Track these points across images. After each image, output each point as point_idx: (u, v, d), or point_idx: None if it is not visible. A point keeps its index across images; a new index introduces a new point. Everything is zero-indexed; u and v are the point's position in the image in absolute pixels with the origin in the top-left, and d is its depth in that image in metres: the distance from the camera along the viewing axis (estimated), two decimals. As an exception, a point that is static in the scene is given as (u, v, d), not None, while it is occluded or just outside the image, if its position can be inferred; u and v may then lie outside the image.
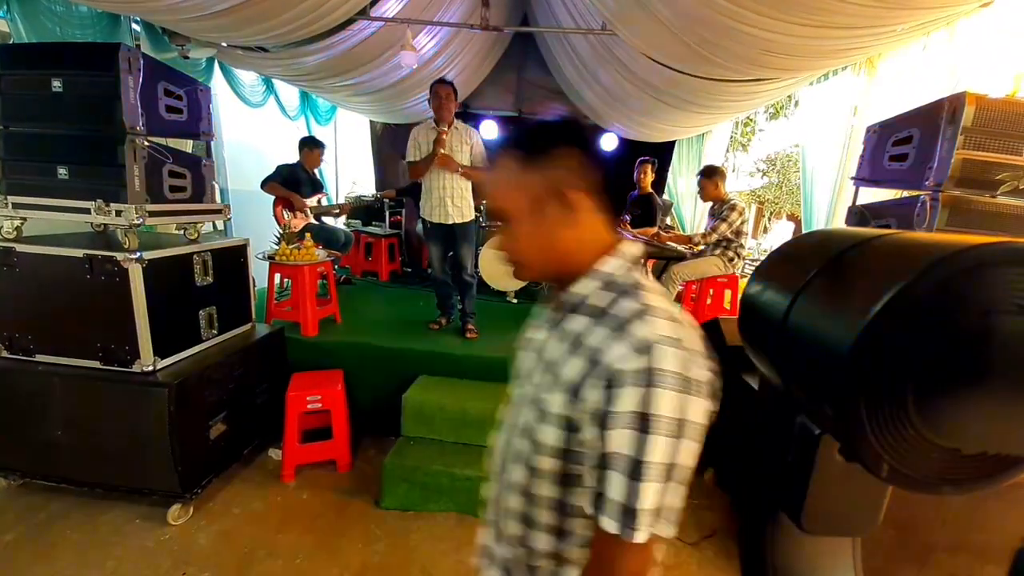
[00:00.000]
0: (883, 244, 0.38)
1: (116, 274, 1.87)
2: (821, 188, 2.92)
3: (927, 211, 1.61)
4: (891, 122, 1.86)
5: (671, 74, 2.74)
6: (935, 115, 1.63)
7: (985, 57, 2.00)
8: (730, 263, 3.12)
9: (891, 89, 2.47)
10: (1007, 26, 1.86)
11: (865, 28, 1.83)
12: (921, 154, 1.69)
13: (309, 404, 2.42)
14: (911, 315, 0.31)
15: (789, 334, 0.41)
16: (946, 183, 1.58)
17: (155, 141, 1.97)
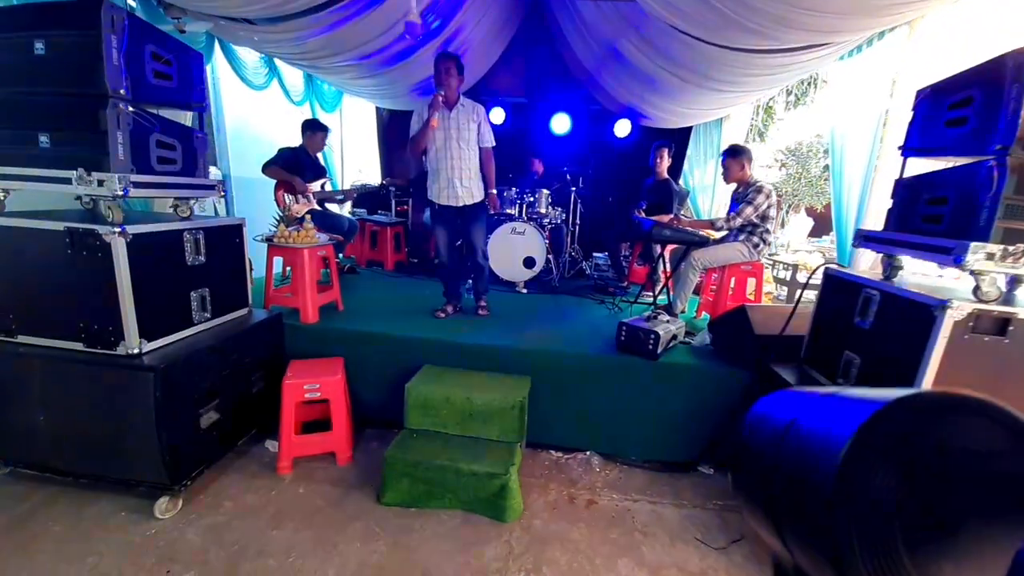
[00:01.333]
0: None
1: (99, 249, 1.75)
2: (852, 170, 2.72)
3: (994, 178, 1.42)
4: (945, 84, 1.68)
5: (694, 45, 2.55)
6: (998, 73, 1.44)
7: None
8: (755, 249, 2.93)
9: (933, 55, 2.27)
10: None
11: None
12: (984, 117, 1.50)
13: (307, 393, 2.29)
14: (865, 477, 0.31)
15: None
16: (1014, 147, 1.39)
17: (143, 109, 1.84)
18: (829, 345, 2.06)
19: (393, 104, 5.29)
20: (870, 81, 2.61)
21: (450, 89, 2.71)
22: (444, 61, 2.70)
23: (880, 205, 2.55)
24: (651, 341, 2.42)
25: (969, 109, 1.56)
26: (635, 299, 3.57)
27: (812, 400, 0.37)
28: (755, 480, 0.40)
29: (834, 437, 0.31)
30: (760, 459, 0.40)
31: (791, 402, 0.39)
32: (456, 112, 2.77)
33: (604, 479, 2.42)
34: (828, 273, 2.13)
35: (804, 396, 0.38)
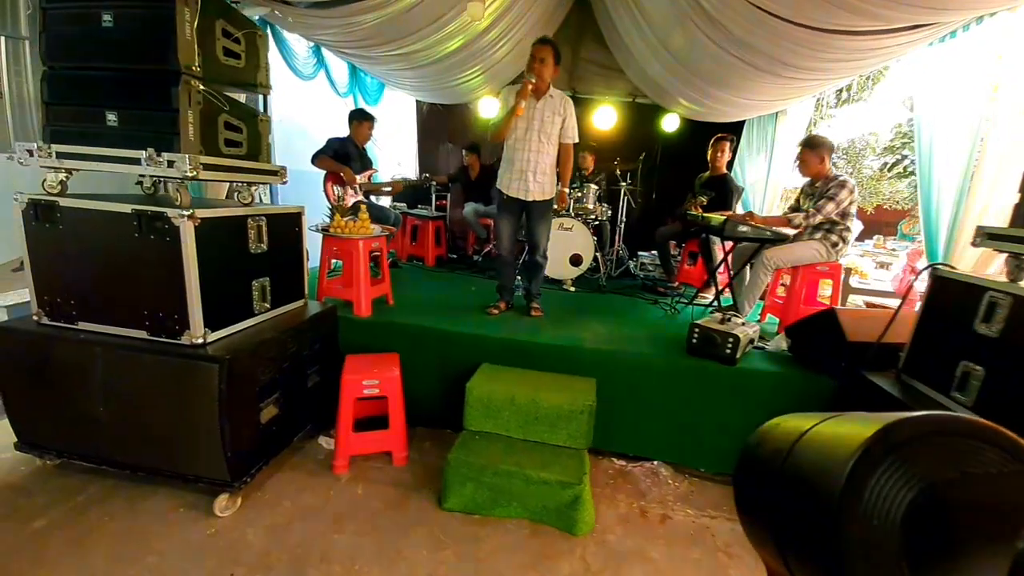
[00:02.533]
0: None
1: (167, 232, 1.67)
2: (944, 164, 2.50)
3: None
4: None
5: (776, 27, 2.37)
6: None
7: None
8: (833, 249, 2.73)
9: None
10: None
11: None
12: None
13: (365, 389, 2.19)
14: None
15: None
16: None
17: (213, 87, 1.76)
18: (939, 354, 1.86)
19: (434, 97, 5.21)
20: (967, 67, 2.39)
21: (541, 79, 2.59)
22: (541, 47, 2.58)
23: (983, 200, 2.33)
24: (729, 344, 2.25)
25: None
26: (691, 300, 3.39)
27: (812, 423, 0.38)
28: (757, 496, 0.40)
29: (836, 458, 0.31)
30: (761, 482, 0.40)
31: (792, 425, 0.39)
32: (543, 103, 2.65)
33: (675, 492, 2.26)
34: (937, 274, 1.93)
35: (805, 419, 0.39)
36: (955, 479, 0.30)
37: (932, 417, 0.31)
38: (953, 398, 1.77)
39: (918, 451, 0.30)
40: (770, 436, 0.41)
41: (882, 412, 0.32)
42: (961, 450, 0.30)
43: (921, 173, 2.67)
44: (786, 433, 0.39)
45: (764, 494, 0.39)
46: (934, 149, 2.59)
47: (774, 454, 0.38)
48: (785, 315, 2.89)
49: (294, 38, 3.49)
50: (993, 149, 2.27)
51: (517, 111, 2.54)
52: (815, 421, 0.38)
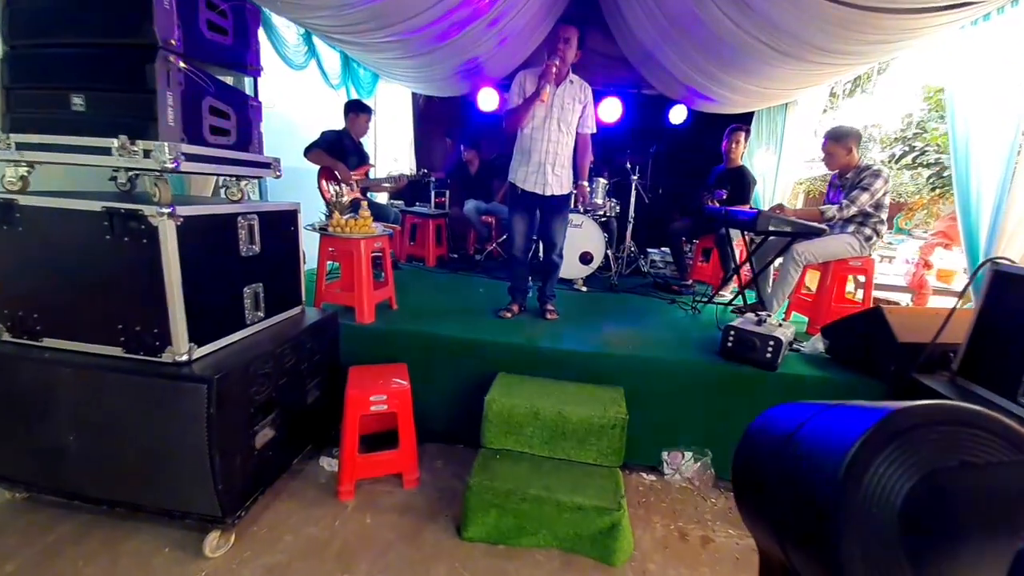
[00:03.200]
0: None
1: (144, 234, 1.44)
2: (983, 155, 2.35)
3: None
4: None
5: (809, 5, 2.20)
6: None
7: None
8: (867, 242, 2.58)
9: None
10: None
11: None
12: None
13: (372, 406, 1.97)
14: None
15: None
16: None
17: (195, 66, 1.53)
18: (1004, 356, 1.71)
19: (431, 89, 4.98)
20: (1004, 52, 2.23)
21: (564, 62, 2.39)
22: (566, 27, 2.40)
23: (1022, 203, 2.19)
24: (770, 348, 2.07)
25: None
26: (709, 299, 3.22)
27: (815, 410, 0.37)
28: (756, 482, 0.40)
29: (838, 444, 0.31)
30: (762, 467, 0.39)
31: (794, 412, 0.39)
32: (563, 89, 2.45)
33: (712, 509, 2.08)
34: (999, 270, 1.77)
35: (807, 407, 0.39)
36: (955, 468, 0.30)
37: (933, 406, 0.31)
38: (1022, 404, 1.61)
39: (919, 439, 0.30)
40: (773, 422, 0.41)
41: (883, 401, 0.32)
42: (962, 439, 0.30)
43: (957, 166, 2.51)
44: (789, 420, 0.39)
45: (764, 480, 0.39)
46: (971, 139, 2.43)
47: (776, 440, 0.38)
48: (815, 314, 2.73)
49: (283, 23, 3.24)
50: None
51: (542, 96, 2.34)
52: (818, 409, 0.37)
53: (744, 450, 0.42)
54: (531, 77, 2.52)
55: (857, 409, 0.34)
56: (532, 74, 2.52)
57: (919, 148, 5.38)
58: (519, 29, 4.19)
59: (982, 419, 0.30)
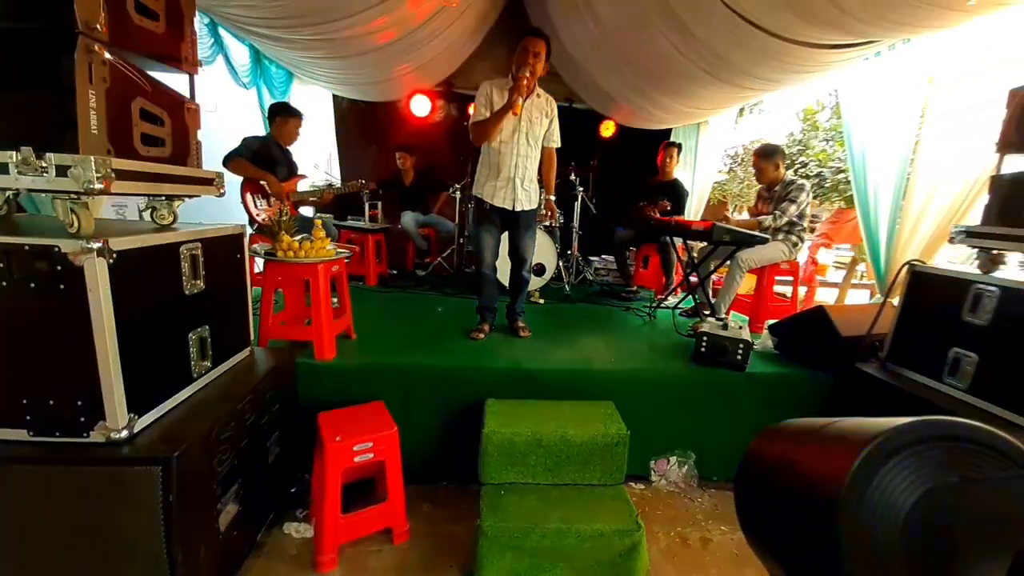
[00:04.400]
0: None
1: (59, 278, 1.08)
2: (878, 171, 2.81)
3: None
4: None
5: (750, 38, 2.43)
6: None
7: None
8: (793, 248, 2.92)
9: (963, 56, 2.37)
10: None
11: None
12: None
13: (356, 456, 1.72)
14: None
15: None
16: None
17: (122, 58, 1.19)
18: (927, 343, 2.02)
19: (357, 93, 4.61)
20: (900, 81, 2.66)
21: (534, 76, 2.30)
22: (535, 40, 2.30)
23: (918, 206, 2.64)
24: (740, 351, 2.23)
25: (1099, 104, 1.57)
26: (658, 304, 3.40)
27: (810, 432, 0.38)
28: (758, 507, 0.40)
29: (840, 462, 0.31)
30: (763, 485, 0.40)
31: (791, 435, 0.40)
32: (531, 103, 2.37)
33: (702, 509, 2.17)
34: (916, 270, 2.10)
35: (803, 428, 0.39)
36: (955, 484, 0.29)
37: (931, 422, 0.31)
38: (947, 382, 1.92)
39: (918, 456, 0.30)
40: (770, 445, 0.41)
41: (880, 417, 0.32)
42: (962, 455, 0.30)
43: (856, 181, 2.96)
44: (786, 441, 0.39)
45: (765, 504, 0.39)
46: (867, 158, 2.88)
47: (774, 463, 0.39)
48: (755, 313, 3.03)
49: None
50: (924, 156, 2.59)
51: (515, 109, 2.26)
52: (815, 428, 0.37)
53: (744, 474, 0.42)
54: (498, 89, 2.42)
55: (854, 428, 0.34)
56: (498, 86, 2.43)
57: (801, 162, 6.39)
58: (455, 37, 4.08)
59: (980, 434, 0.30)
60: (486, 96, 2.39)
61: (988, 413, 1.73)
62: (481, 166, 2.54)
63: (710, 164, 4.89)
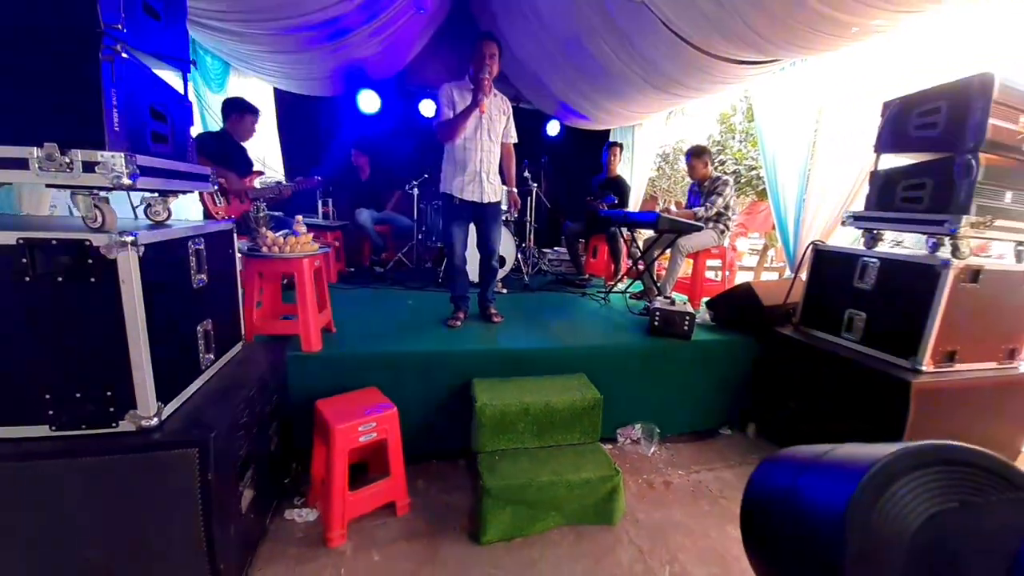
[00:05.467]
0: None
1: (90, 271, 1.11)
2: (787, 169, 3.34)
3: (971, 168, 1.93)
4: (913, 97, 2.20)
5: (680, 52, 2.81)
6: (966, 91, 1.96)
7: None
8: (721, 235, 3.38)
9: (851, 73, 2.92)
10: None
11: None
12: (951, 123, 2.02)
13: (362, 436, 1.83)
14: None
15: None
16: (983, 144, 1.91)
17: (134, 57, 1.22)
18: (828, 307, 2.50)
19: (300, 87, 4.49)
20: (800, 92, 3.19)
21: (492, 75, 2.46)
22: (490, 43, 2.46)
23: (817, 196, 3.19)
24: (687, 322, 2.59)
25: (937, 117, 2.08)
26: (610, 289, 3.75)
27: (810, 460, 0.39)
28: (765, 536, 0.41)
29: (838, 493, 0.32)
30: (767, 522, 0.41)
31: (792, 464, 0.41)
32: (489, 102, 2.54)
33: (662, 459, 2.51)
34: (818, 248, 2.59)
35: (803, 457, 0.40)
36: (956, 509, 0.30)
37: (927, 447, 0.31)
38: (844, 337, 2.40)
39: (918, 482, 0.30)
40: (771, 475, 0.42)
41: (878, 443, 0.33)
42: (959, 478, 0.31)
43: (768, 175, 3.48)
44: (786, 470, 0.40)
45: (770, 534, 0.40)
46: (777, 159, 3.41)
47: (777, 494, 0.40)
48: (692, 292, 3.47)
49: None
50: (820, 156, 3.13)
51: (481, 107, 2.43)
52: (814, 456, 0.38)
53: (749, 503, 0.42)
54: (458, 90, 2.58)
55: (851, 456, 0.34)
56: (458, 87, 2.59)
57: (720, 160, 7.19)
58: (400, 35, 4.14)
59: (975, 456, 0.31)
60: (448, 97, 2.54)
61: (875, 358, 2.20)
62: (447, 164, 2.68)
63: (644, 162, 5.37)
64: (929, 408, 1.97)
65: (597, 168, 4.39)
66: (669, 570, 1.76)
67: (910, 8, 2.11)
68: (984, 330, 2.08)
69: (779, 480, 0.40)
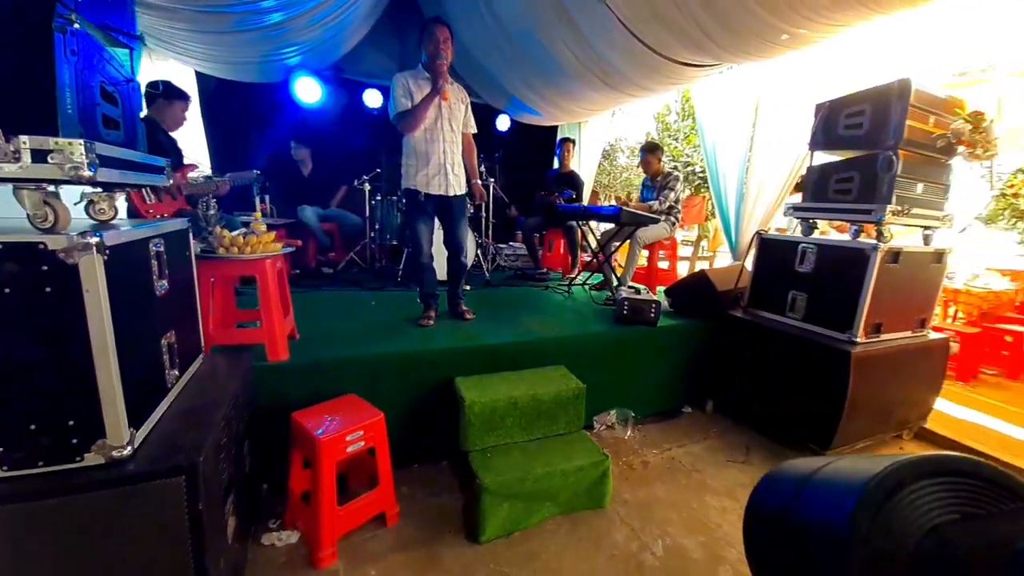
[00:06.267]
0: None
1: (45, 280, 0.94)
2: (727, 164, 3.62)
3: (892, 163, 2.22)
4: (840, 100, 2.48)
5: (639, 55, 2.93)
6: (887, 94, 2.24)
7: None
8: (672, 228, 3.59)
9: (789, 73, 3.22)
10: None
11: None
12: (875, 123, 2.31)
13: (350, 446, 1.72)
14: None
15: None
16: (902, 142, 2.21)
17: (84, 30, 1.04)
18: (773, 290, 2.76)
19: (227, 72, 4.06)
20: (740, 94, 3.47)
21: (448, 60, 2.37)
22: (441, 28, 2.36)
23: (755, 189, 3.49)
24: (653, 310, 2.73)
25: (862, 118, 2.36)
26: (571, 281, 3.85)
27: (810, 475, 0.39)
28: (767, 548, 0.41)
29: (837, 509, 0.32)
30: (771, 529, 0.41)
31: (792, 479, 0.41)
32: (447, 90, 2.44)
33: (635, 440, 2.64)
34: (762, 237, 2.84)
35: (803, 471, 0.40)
36: (956, 522, 0.30)
37: (924, 459, 0.31)
38: (789, 316, 2.67)
39: (918, 494, 0.30)
40: (771, 491, 0.43)
41: (868, 457, 0.33)
42: (959, 491, 0.30)
43: (710, 168, 3.75)
44: (786, 485, 0.41)
45: (772, 551, 0.40)
46: (717, 151, 3.68)
47: (777, 510, 0.40)
48: (649, 281, 3.65)
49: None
50: (757, 152, 3.43)
51: (444, 95, 2.35)
52: (811, 470, 0.39)
53: (750, 519, 0.42)
54: (414, 79, 2.47)
55: (848, 470, 0.33)
56: (413, 76, 2.47)
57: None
58: (343, 20, 3.91)
59: (971, 466, 0.30)
60: (404, 87, 2.43)
61: (817, 333, 2.46)
62: (408, 159, 2.57)
63: (592, 158, 5.55)
64: (864, 373, 2.25)
65: (548, 163, 4.47)
66: (662, 543, 1.85)
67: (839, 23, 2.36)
68: (902, 304, 2.41)
69: (781, 495, 0.40)
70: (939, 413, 2.79)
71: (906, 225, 2.39)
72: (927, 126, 2.28)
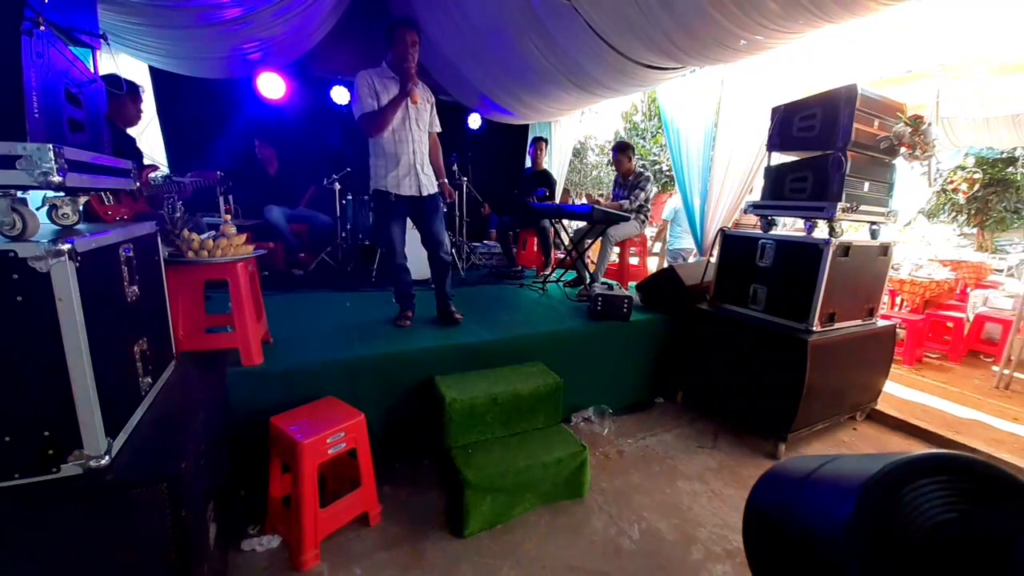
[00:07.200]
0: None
1: (14, 289, 0.91)
2: (692, 163, 3.77)
3: (841, 163, 2.39)
4: (794, 104, 2.63)
5: (607, 58, 3.01)
6: (835, 100, 2.41)
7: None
8: (642, 225, 3.71)
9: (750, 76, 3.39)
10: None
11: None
12: (825, 126, 2.47)
13: (331, 448, 1.72)
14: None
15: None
16: (850, 144, 2.37)
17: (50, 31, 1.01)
18: (736, 283, 2.90)
19: (186, 68, 3.90)
20: (703, 95, 3.63)
21: (415, 61, 2.37)
22: (410, 31, 2.35)
23: (718, 187, 3.65)
24: (625, 305, 2.83)
25: (814, 121, 2.52)
26: (545, 279, 3.92)
27: (808, 474, 0.39)
28: (768, 550, 0.41)
29: (836, 512, 0.31)
30: (770, 533, 0.41)
31: (791, 479, 0.41)
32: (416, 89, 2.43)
33: (610, 431, 2.73)
34: (726, 233, 2.98)
35: (802, 471, 0.40)
36: (956, 520, 0.29)
37: (923, 457, 0.30)
38: (751, 308, 2.81)
39: (916, 494, 0.30)
40: (771, 491, 0.43)
41: (874, 454, 0.33)
42: (959, 488, 0.30)
43: (676, 168, 3.89)
44: (784, 486, 0.41)
45: (772, 551, 0.40)
46: (683, 151, 3.82)
47: (775, 510, 0.40)
48: (620, 277, 3.76)
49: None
50: (720, 151, 3.58)
51: (413, 97, 2.36)
52: (809, 471, 0.38)
53: (750, 520, 0.42)
54: (379, 79, 2.44)
55: (845, 470, 0.32)
56: (379, 76, 2.44)
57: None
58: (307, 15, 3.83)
59: (968, 463, 0.29)
60: (369, 87, 2.41)
61: (777, 323, 2.61)
62: (377, 159, 2.54)
63: (563, 157, 5.64)
64: (820, 360, 2.41)
65: (521, 162, 4.52)
66: (638, 527, 1.94)
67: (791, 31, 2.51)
68: (852, 294, 2.59)
69: (780, 495, 0.40)
70: (888, 395, 3.01)
71: (855, 221, 2.56)
72: (872, 129, 2.46)
